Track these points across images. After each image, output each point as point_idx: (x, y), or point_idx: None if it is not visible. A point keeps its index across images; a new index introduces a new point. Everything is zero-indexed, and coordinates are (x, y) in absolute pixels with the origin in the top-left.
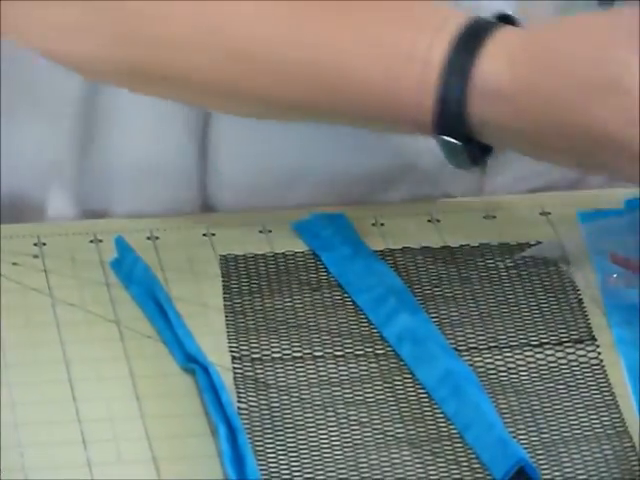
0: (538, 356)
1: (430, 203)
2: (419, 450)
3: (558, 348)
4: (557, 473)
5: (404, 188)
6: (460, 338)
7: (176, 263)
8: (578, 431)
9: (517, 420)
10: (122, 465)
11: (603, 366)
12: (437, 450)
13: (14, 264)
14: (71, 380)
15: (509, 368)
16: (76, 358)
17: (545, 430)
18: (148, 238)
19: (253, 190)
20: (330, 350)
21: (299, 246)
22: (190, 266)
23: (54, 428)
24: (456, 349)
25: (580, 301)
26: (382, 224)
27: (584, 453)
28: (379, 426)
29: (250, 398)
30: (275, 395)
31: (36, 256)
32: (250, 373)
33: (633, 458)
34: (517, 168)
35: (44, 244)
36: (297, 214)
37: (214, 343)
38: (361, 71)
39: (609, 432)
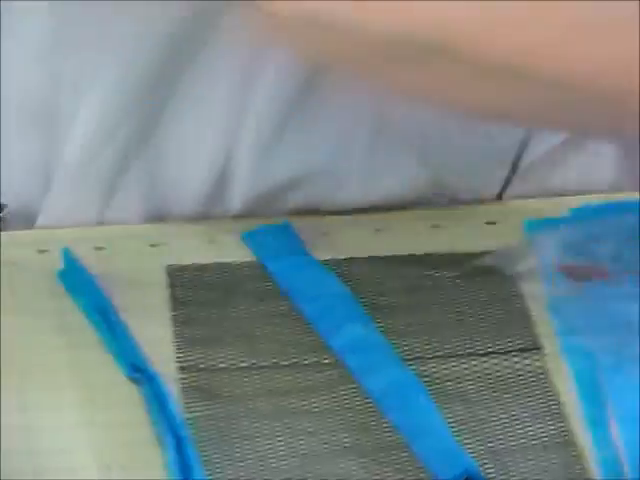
0: (484, 365)
1: (376, 213)
2: (366, 460)
3: (504, 357)
4: None
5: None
6: (407, 347)
7: (123, 273)
8: (524, 440)
9: (464, 429)
10: (71, 473)
11: (549, 375)
12: (384, 460)
13: None
14: (20, 389)
15: (456, 377)
16: (25, 367)
17: (491, 439)
18: (95, 248)
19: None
20: (276, 360)
21: (246, 256)
22: (137, 276)
23: (2, 436)
24: (403, 358)
25: (526, 310)
26: (328, 234)
27: (530, 462)
28: (326, 436)
29: (197, 408)
30: (222, 405)
31: None
32: (197, 383)
33: (579, 467)
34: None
35: None
36: (244, 224)
37: (161, 353)
38: None
39: (555, 441)
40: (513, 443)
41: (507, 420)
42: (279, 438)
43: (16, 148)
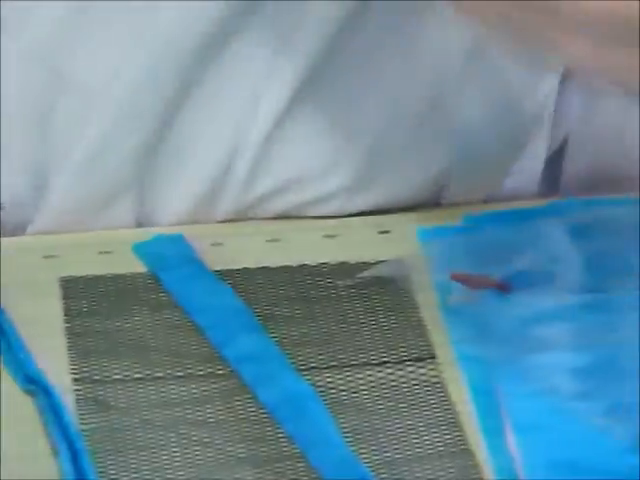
0: (379, 375)
1: (269, 223)
2: (261, 470)
3: (399, 367)
4: None
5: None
6: (301, 358)
7: (17, 285)
8: (420, 450)
9: (359, 439)
10: None
11: (444, 384)
12: (280, 470)
13: None
14: None
15: (350, 387)
16: None
17: (387, 449)
18: None
19: None
20: (171, 371)
21: (140, 267)
22: (31, 288)
23: None
24: (297, 369)
25: (420, 319)
26: (221, 244)
27: (427, 472)
28: (221, 446)
29: (92, 419)
30: (117, 416)
31: None
32: (92, 394)
33: (476, 477)
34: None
35: None
36: (137, 235)
37: (55, 365)
38: None
39: (452, 450)
40: (409, 452)
41: (403, 429)
42: (174, 449)
43: (12, 147)
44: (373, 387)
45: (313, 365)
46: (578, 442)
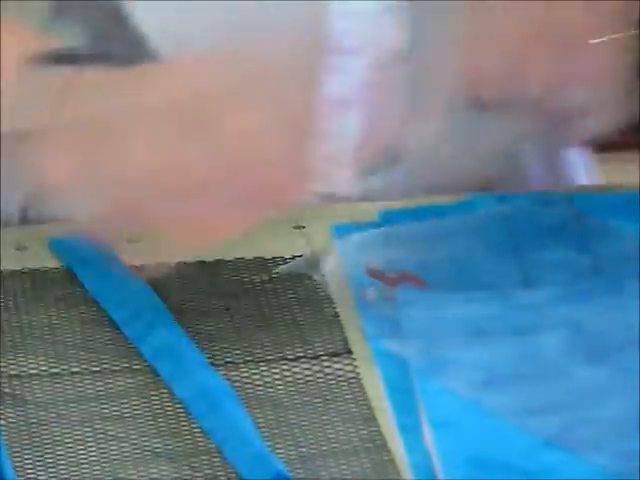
0: (295, 370)
1: None
2: (177, 465)
3: (315, 362)
4: None
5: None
6: (216, 352)
7: None
8: (336, 445)
9: (275, 434)
10: None
11: (360, 379)
12: (195, 465)
13: None
14: None
15: (266, 382)
16: None
17: (303, 444)
18: None
19: None
20: (87, 366)
21: (56, 262)
22: None
23: None
24: (212, 364)
25: (336, 314)
26: (138, 240)
27: (342, 467)
28: (137, 441)
29: (8, 414)
30: (33, 411)
31: None
32: (8, 390)
33: (391, 472)
34: None
35: None
36: (53, 230)
37: None
38: None
39: (367, 446)
40: (324, 447)
41: (318, 424)
42: (90, 443)
43: None
44: (289, 382)
45: (228, 360)
46: (494, 439)
